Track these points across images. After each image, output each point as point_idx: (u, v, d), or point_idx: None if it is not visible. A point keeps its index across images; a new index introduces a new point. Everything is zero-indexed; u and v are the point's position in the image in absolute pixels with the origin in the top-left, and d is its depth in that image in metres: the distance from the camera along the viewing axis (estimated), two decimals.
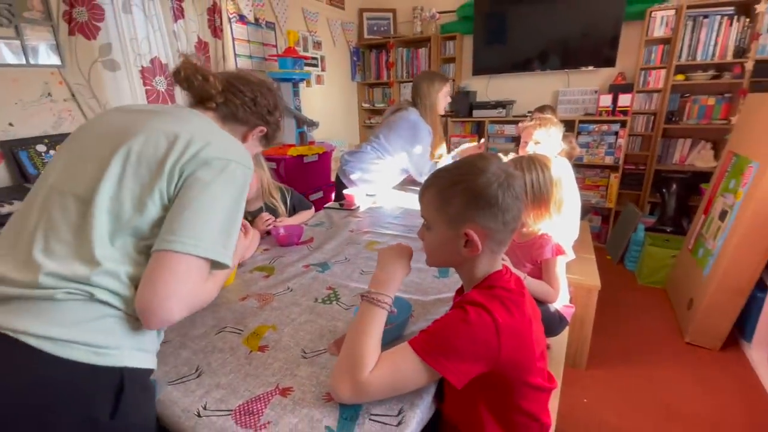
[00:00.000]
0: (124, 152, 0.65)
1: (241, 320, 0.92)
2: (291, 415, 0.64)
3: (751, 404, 1.62)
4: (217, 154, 0.67)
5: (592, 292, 1.71)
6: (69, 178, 0.66)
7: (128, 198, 0.63)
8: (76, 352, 0.57)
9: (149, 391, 0.68)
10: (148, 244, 0.64)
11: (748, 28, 2.56)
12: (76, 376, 0.57)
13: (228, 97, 0.84)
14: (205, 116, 0.79)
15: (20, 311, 0.57)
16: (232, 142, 0.75)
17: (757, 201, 1.76)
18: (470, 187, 0.66)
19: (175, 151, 0.65)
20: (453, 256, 0.71)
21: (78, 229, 0.62)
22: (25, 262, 0.60)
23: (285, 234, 1.40)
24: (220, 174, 0.66)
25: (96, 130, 0.72)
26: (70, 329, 0.57)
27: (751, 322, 1.88)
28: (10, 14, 1.69)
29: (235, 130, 0.86)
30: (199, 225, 0.62)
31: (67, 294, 0.58)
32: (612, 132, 2.99)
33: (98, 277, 0.59)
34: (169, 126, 0.68)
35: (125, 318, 0.63)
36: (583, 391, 1.70)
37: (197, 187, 0.64)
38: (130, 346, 0.63)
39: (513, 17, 3.27)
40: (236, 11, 2.63)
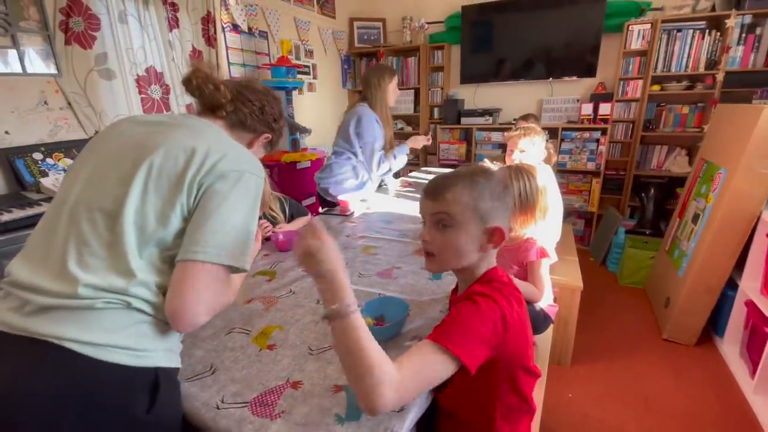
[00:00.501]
0: (146, 167, 0.68)
1: (249, 321, 0.98)
2: (303, 405, 0.70)
3: (723, 395, 1.73)
4: (233, 166, 0.71)
5: (575, 293, 1.81)
6: (94, 192, 0.69)
7: (152, 212, 0.67)
8: (117, 356, 0.62)
9: (177, 388, 0.73)
10: (171, 254, 0.69)
11: (719, 41, 2.72)
12: (117, 377, 0.62)
13: (237, 105, 0.86)
14: (215, 126, 0.82)
15: (63, 320, 0.61)
16: (244, 153, 0.78)
17: (726, 205, 1.88)
18: (496, 188, 0.74)
19: (193, 165, 0.69)
20: (471, 253, 0.74)
21: (110, 244, 0.66)
22: (60, 275, 0.64)
23: (284, 240, 1.45)
24: (236, 185, 0.71)
25: (114, 142, 0.75)
26: (110, 335, 0.62)
27: (723, 318, 2.01)
28: (7, 23, 1.71)
29: (242, 137, 0.90)
30: (220, 235, 0.67)
31: (106, 303, 0.63)
32: (593, 139, 3.13)
33: (135, 288, 0.64)
34: (186, 140, 0.72)
35: (157, 323, 0.68)
36: (568, 387, 1.79)
37: (216, 199, 0.68)
38: (162, 348, 0.68)
39: (499, 29, 3.40)
40: (230, 20, 2.68)
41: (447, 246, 0.73)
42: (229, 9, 2.64)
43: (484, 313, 0.66)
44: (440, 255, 0.75)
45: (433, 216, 0.75)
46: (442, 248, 0.74)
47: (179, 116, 0.81)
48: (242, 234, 0.71)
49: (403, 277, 1.22)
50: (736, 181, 1.86)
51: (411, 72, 3.81)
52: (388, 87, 2.05)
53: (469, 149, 3.64)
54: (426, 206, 0.76)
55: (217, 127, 0.83)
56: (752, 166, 1.82)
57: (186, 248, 0.66)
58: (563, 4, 3.13)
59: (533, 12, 3.25)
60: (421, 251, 0.80)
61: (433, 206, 0.74)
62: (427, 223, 0.76)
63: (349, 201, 1.98)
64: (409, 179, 2.74)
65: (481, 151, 3.59)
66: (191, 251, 0.65)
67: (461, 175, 0.75)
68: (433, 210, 0.74)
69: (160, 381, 0.66)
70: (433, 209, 0.74)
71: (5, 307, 0.65)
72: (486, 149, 3.57)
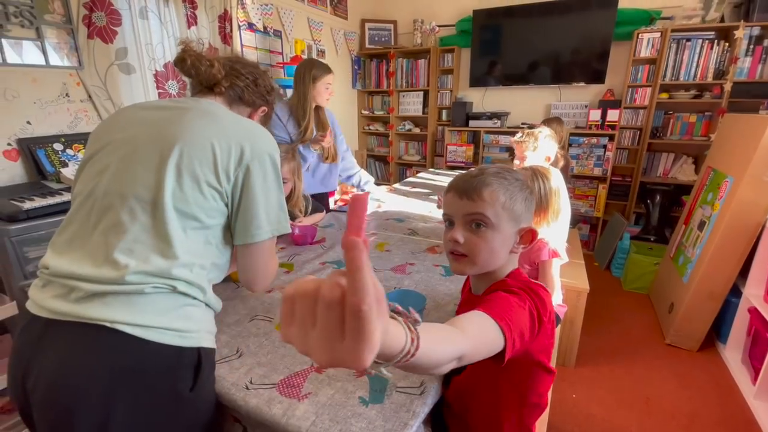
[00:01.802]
0: (176, 154, 0.71)
1: (270, 309, 1.01)
2: (328, 388, 0.74)
3: (725, 400, 1.76)
4: (257, 154, 0.78)
5: (581, 295, 1.84)
6: (124, 182, 0.71)
7: (190, 196, 0.71)
8: (166, 336, 0.66)
9: (214, 367, 0.77)
10: (212, 236, 0.76)
11: (727, 52, 2.75)
12: (165, 357, 0.66)
13: (232, 80, 0.87)
14: (223, 108, 0.84)
15: (113, 304, 0.65)
16: (258, 132, 0.82)
17: (732, 213, 1.91)
18: (525, 189, 0.74)
19: (222, 156, 0.74)
20: (503, 255, 0.73)
21: (154, 229, 0.69)
22: (106, 262, 0.66)
23: (300, 234, 1.49)
24: (264, 169, 0.79)
25: (128, 131, 0.76)
26: (159, 317, 0.66)
27: (726, 325, 2.03)
28: (32, 16, 1.76)
29: (241, 112, 0.92)
30: (264, 216, 0.78)
31: (154, 288, 0.67)
32: (601, 145, 3.16)
33: (177, 270, 0.69)
34: (206, 128, 0.75)
35: (199, 305, 0.73)
36: (572, 387, 1.82)
37: (256, 190, 0.77)
38: (205, 329, 0.73)
39: (509, 33, 3.44)
40: (246, 19, 2.72)
41: (482, 247, 0.70)
42: (246, 8, 2.68)
43: (524, 306, 0.63)
44: (474, 257, 0.71)
45: (467, 216, 0.71)
46: (475, 250, 0.70)
47: (188, 101, 0.82)
48: (279, 206, 0.82)
49: (417, 273, 1.26)
50: (743, 189, 1.89)
51: (420, 74, 3.85)
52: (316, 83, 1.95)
53: (476, 152, 3.67)
54: (460, 206, 0.72)
55: (224, 108, 0.85)
56: (758, 176, 1.85)
57: (246, 233, 0.77)
58: (574, 10, 3.16)
59: (543, 18, 3.28)
60: (435, 249, 0.79)
61: (469, 206, 0.70)
62: (457, 224, 0.72)
63: None
64: (397, 187, 2.77)
65: (488, 154, 3.62)
66: (251, 235, 0.77)
67: (493, 174, 0.72)
68: (468, 210, 0.70)
69: (203, 360, 0.70)
70: (468, 209, 0.70)
71: (49, 295, 0.67)
72: (493, 152, 3.60)
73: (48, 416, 0.63)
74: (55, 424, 0.62)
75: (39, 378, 0.63)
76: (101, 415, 0.60)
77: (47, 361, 0.63)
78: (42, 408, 0.63)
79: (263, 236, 0.78)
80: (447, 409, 0.86)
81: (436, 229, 1.69)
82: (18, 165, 1.73)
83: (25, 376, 0.65)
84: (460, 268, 0.74)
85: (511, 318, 0.58)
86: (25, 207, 1.45)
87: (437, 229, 1.69)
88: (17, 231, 1.35)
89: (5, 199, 1.47)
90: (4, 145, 1.68)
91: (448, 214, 0.75)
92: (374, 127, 4.24)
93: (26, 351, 0.66)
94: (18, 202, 1.46)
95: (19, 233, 1.36)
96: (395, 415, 0.67)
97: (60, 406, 0.61)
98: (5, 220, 1.38)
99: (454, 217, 0.73)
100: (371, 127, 4.26)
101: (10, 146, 1.70)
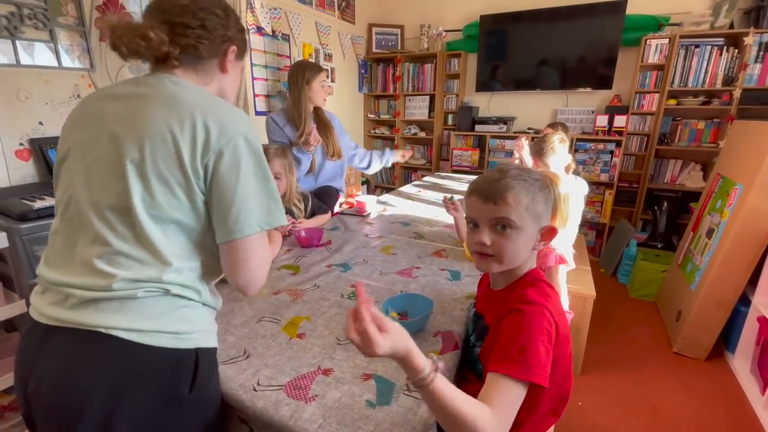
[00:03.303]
0: (136, 160, 0.64)
1: (277, 311, 1.02)
2: (335, 390, 0.74)
3: (733, 410, 1.73)
4: (225, 139, 0.66)
5: (587, 301, 1.82)
6: (95, 191, 0.66)
7: (162, 199, 0.65)
8: (162, 339, 0.65)
9: (216, 367, 0.76)
10: (199, 235, 0.70)
11: (737, 58, 2.73)
12: (163, 359, 0.65)
13: (179, 42, 0.71)
14: (186, 85, 0.72)
15: (107, 310, 0.64)
16: (226, 114, 0.70)
17: (741, 221, 1.89)
18: (544, 188, 0.76)
19: (185, 147, 0.65)
20: (527, 252, 0.76)
21: (134, 239, 0.65)
22: (93, 272, 0.64)
23: (306, 236, 1.49)
24: (238, 154, 0.68)
25: (89, 130, 0.69)
26: (154, 321, 0.65)
27: (735, 334, 2.00)
28: (46, 19, 1.78)
29: (210, 69, 0.78)
30: (246, 208, 0.68)
31: (147, 292, 0.65)
32: (607, 151, 3.14)
33: (170, 275, 0.66)
34: (167, 118, 0.65)
35: (196, 306, 0.71)
36: (578, 395, 1.80)
37: (229, 180, 0.67)
38: (203, 329, 0.72)
39: (516, 38, 3.44)
40: (255, 23, 2.75)
41: (508, 248, 0.73)
42: (255, 11, 2.71)
43: (541, 326, 0.66)
44: (500, 256, 0.74)
45: (493, 220, 0.73)
46: (502, 250, 0.73)
47: (144, 81, 0.72)
48: (266, 194, 0.71)
49: (423, 276, 1.26)
50: (752, 197, 1.87)
51: (427, 78, 3.86)
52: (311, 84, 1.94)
53: (482, 156, 3.67)
54: (484, 210, 0.74)
55: (188, 85, 0.72)
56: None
57: (224, 230, 0.68)
58: (581, 16, 3.16)
59: (551, 23, 3.28)
60: (441, 253, 0.81)
61: (494, 211, 0.73)
62: (482, 226, 0.75)
63: (366, 202, 2.03)
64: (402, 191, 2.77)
65: (494, 158, 3.62)
66: (230, 231, 0.67)
67: (514, 176, 0.74)
68: (494, 215, 0.73)
69: (200, 360, 0.69)
70: (494, 214, 0.73)
71: (47, 302, 0.67)
72: (499, 156, 3.60)
73: (50, 422, 0.63)
74: (57, 430, 0.62)
75: (39, 384, 0.64)
76: (103, 420, 0.61)
77: (47, 367, 0.63)
78: (44, 414, 0.63)
79: (246, 231, 0.68)
80: None
81: (442, 233, 1.69)
82: (30, 165, 1.75)
83: (26, 381, 0.65)
84: (486, 266, 0.77)
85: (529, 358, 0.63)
86: (36, 206, 1.47)
87: (443, 233, 1.69)
88: (28, 230, 1.37)
89: (16, 198, 1.49)
90: (17, 145, 1.70)
91: (472, 217, 0.78)
92: (380, 131, 4.25)
93: (27, 356, 0.66)
94: (29, 201, 1.48)
95: (29, 232, 1.37)
96: (402, 419, 0.67)
97: (62, 413, 0.61)
98: (16, 218, 1.39)
99: (478, 220, 0.76)
100: (377, 131, 4.27)
101: (22, 146, 1.72)
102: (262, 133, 2.93)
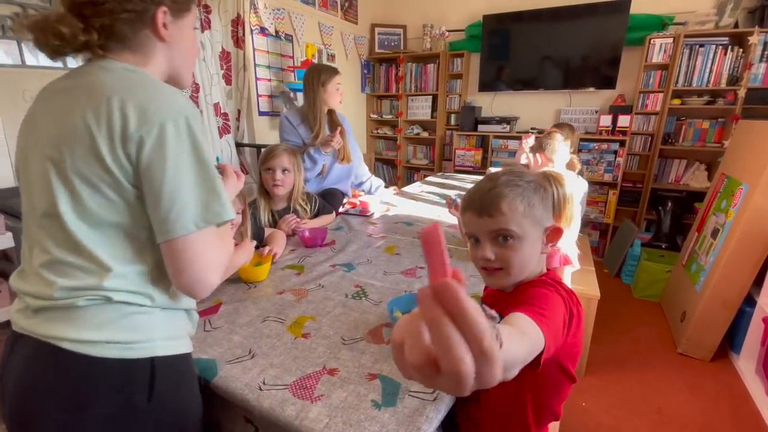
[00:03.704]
0: (56, 162, 0.60)
1: (282, 311, 1.02)
2: (340, 390, 0.74)
3: (738, 411, 1.72)
4: (147, 124, 0.59)
5: (591, 302, 1.82)
6: (33, 197, 0.65)
7: (90, 201, 0.61)
8: (110, 351, 0.61)
9: (185, 374, 0.71)
10: (141, 237, 0.64)
11: (741, 58, 2.72)
12: (112, 371, 0.62)
13: (95, 25, 0.62)
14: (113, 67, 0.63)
15: (54, 319, 0.62)
16: (151, 94, 0.62)
17: (746, 221, 1.88)
18: (537, 187, 0.73)
19: (101, 138, 0.58)
20: (535, 258, 0.72)
21: (67, 245, 0.62)
22: (39, 280, 0.63)
23: (310, 236, 1.50)
24: (163, 142, 0.59)
25: (29, 137, 0.66)
26: (98, 331, 0.61)
27: (740, 334, 1.99)
28: None
29: (145, 43, 0.67)
30: (179, 204, 0.60)
31: (88, 300, 0.61)
32: (611, 151, 3.13)
33: (111, 282, 0.61)
34: (83, 111, 0.59)
35: (151, 311, 0.66)
36: (582, 396, 1.79)
37: (155, 172, 0.59)
38: (160, 337, 0.66)
39: (519, 38, 3.44)
40: (258, 23, 2.76)
41: (514, 258, 0.69)
42: (258, 12, 2.72)
43: (558, 302, 0.63)
44: (508, 268, 0.70)
45: (492, 233, 0.70)
46: (509, 262, 0.70)
47: (78, 70, 0.65)
48: (203, 187, 0.62)
49: (427, 276, 1.25)
50: (757, 197, 1.86)
51: (430, 78, 3.86)
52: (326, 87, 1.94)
53: (485, 156, 3.67)
54: (482, 225, 0.70)
55: (116, 68, 0.64)
56: None
57: (159, 229, 0.61)
58: (584, 16, 3.15)
59: (554, 23, 3.28)
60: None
61: (491, 223, 0.69)
62: (484, 241, 0.71)
63: (370, 202, 2.03)
64: (405, 191, 2.77)
65: (497, 158, 3.61)
66: (165, 231, 0.60)
67: (505, 183, 0.70)
68: (492, 228, 0.69)
69: (156, 370, 0.65)
70: (492, 227, 0.69)
71: (15, 308, 0.67)
72: (502, 156, 3.59)
73: (11, 430, 0.63)
74: None
75: (4, 390, 0.64)
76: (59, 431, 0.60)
77: (10, 375, 0.63)
78: (7, 421, 0.63)
79: (178, 231, 0.60)
80: (460, 412, 0.86)
81: (446, 234, 1.68)
82: None
83: (2, 383, 0.66)
84: (497, 282, 0.73)
85: (548, 317, 0.57)
86: None
87: (446, 234, 1.68)
88: None
89: None
90: None
91: (471, 233, 0.74)
92: (382, 131, 4.26)
93: (2, 360, 0.67)
94: None
95: None
96: (408, 419, 0.67)
97: (19, 422, 0.61)
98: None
99: (478, 234, 0.72)
100: (379, 131, 4.27)
101: None
102: (264, 131, 2.95)
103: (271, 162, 1.59)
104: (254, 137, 2.88)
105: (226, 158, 2.64)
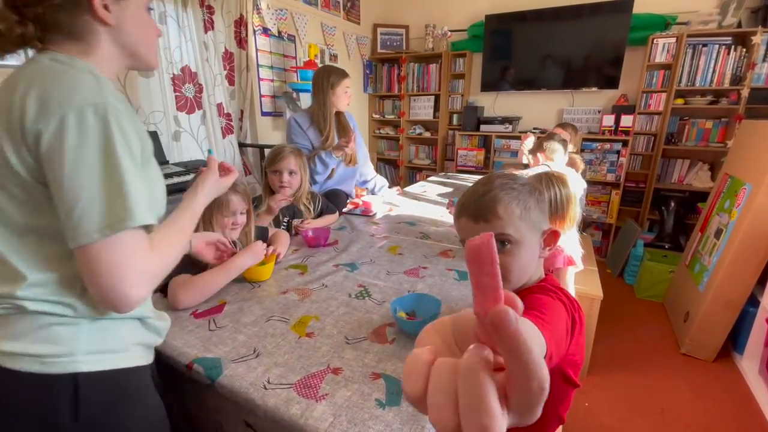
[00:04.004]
0: None
1: (286, 311, 1.02)
2: (344, 389, 0.74)
3: (741, 411, 1.72)
4: (46, 115, 0.53)
5: (594, 302, 1.82)
6: None
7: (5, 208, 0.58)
8: (26, 364, 0.58)
9: (126, 390, 0.66)
10: (59, 239, 0.57)
11: (745, 57, 2.71)
12: (28, 386, 0.58)
13: (29, 15, 0.57)
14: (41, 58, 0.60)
15: None
16: (56, 82, 0.56)
17: (750, 221, 1.88)
18: (532, 190, 0.71)
19: (5, 138, 0.55)
20: (534, 263, 0.71)
21: None
22: None
23: (313, 236, 1.50)
24: (62, 134, 0.53)
25: None
26: (17, 342, 0.58)
27: (744, 335, 1.99)
28: None
29: (86, 30, 0.61)
30: (79, 208, 0.53)
31: (4, 309, 0.58)
32: (614, 151, 3.13)
33: (26, 291, 0.58)
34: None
35: (76, 323, 0.61)
36: (584, 396, 1.79)
37: (52, 167, 0.53)
38: (85, 351, 0.61)
39: (521, 38, 3.43)
40: (261, 24, 2.77)
41: (513, 264, 0.68)
42: (261, 13, 2.72)
43: (560, 309, 0.62)
44: (508, 276, 0.69)
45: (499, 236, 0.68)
46: (507, 268, 0.68)
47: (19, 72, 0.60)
48: (108, 187, 0.54)
49: (430, 276, 1.26)
50: (761, 197, 1.86)
51: (432, 78, 3.86)
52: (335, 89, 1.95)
53: (487, 156, 3.67)
54: (477, 230, 0.67)
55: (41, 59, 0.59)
56: None
57: (66, 235, 0.55)
58: (587, 15, 3.15)
59: (556, 23, 3.27)
60: (448, 253, 0.76)
61: (488, 228, 0.67)
62: None
63: (372, 202, 2.03)
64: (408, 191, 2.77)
65: (499, 158, 3.61)
66: (71, 238, 0.54)
67: (500, 187, 0.69)
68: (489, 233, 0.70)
69: (81, 387, 0.60)
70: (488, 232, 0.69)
71: None
72: (504, 156, 3.59)
73: None
74: None
75: None
76: None
77: None
78: None
79: (81, 239, 0.53)
80: None
81: (448, 234, 1.69)
82: None
83: None
84: None
85: (549, 323, 0.56)
86: None
87: (449, 234, 1.69)
88: None
89: None
90: None
91: (464, 238, 0.72)
92: (385, 131, 4.26)
93: None
94: None
95: None
96: (413, 419, 0.68)
97: None
98: None
99: None
100: (382, 131, 4.28)
101: None
102: (266, 131, 2.96)
103: (278, 164, 1.60)
104: (257, 137, 2.89)
105: (229, 158, 2.65)
